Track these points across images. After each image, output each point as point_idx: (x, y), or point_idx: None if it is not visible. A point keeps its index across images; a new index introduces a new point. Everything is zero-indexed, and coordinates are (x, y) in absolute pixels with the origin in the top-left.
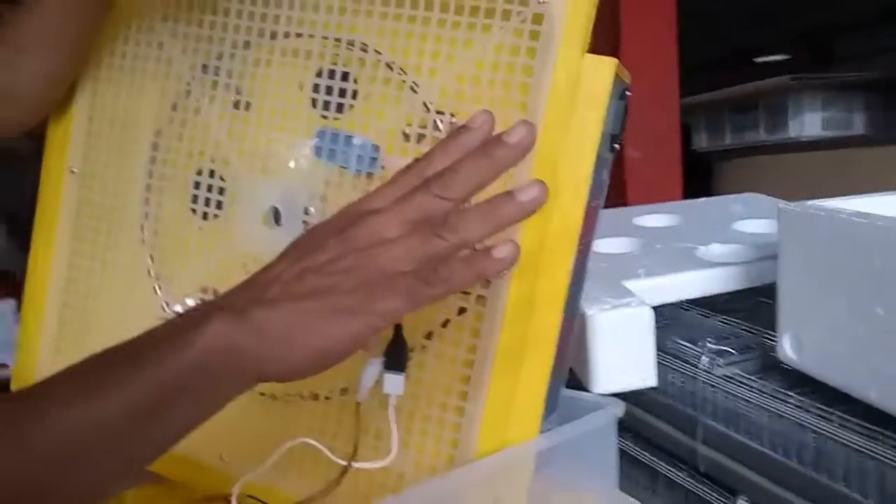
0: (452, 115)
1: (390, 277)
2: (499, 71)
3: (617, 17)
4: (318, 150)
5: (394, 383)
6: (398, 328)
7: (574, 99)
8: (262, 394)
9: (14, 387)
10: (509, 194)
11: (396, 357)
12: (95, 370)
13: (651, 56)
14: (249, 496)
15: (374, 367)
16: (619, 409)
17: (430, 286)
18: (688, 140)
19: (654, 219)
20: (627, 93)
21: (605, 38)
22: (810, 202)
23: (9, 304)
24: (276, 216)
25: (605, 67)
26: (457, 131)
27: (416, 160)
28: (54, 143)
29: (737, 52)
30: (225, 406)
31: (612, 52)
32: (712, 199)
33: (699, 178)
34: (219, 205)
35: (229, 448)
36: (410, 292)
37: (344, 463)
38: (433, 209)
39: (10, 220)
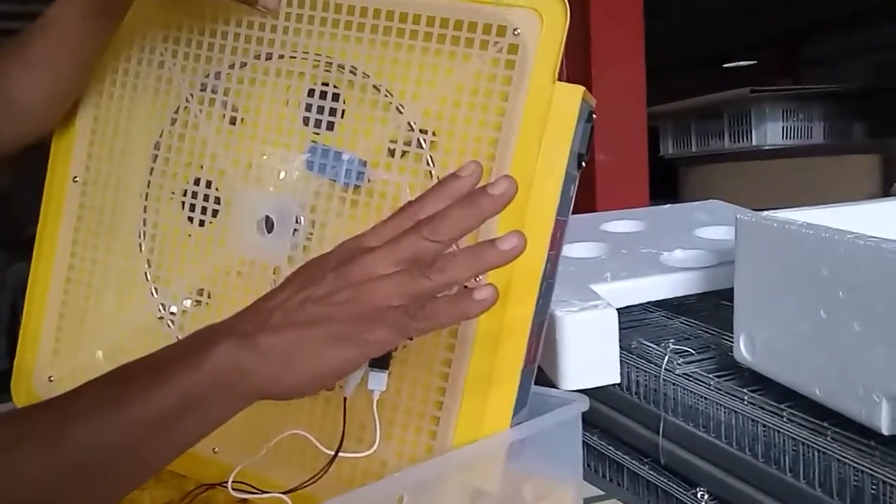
0: (434, 134)
1: (382, 311)
2: (477, 95)
3: (586, 24)
4: (309, 164)
5: (377, 380)
6: None
7: (545, 122)
8: None
9: (14, 385)
10: (492, 242)
11: (381, 356)
12: (118, 383)
13: (619, 62)
14: (242, 482)
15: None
16: (585, 404)
17: (416, 321)
18: (656, 146)
19: (621, 224)
20: (593, 115)
21: (573, 44)
22: (764, 213)
23: None
24: (269, 224)
25: (573, 94)
26: (448, 178)
27: (410, 203)
28: (59, 153)
29: (705, 57)
30: (229, 419)
31: (581, 57)
32: (676, 206)
33: (666, 183)
34: (214, 213)
35: (222, 440)
36: (399, 325)
37: (331, 453)
38: (422, 251)
39: None
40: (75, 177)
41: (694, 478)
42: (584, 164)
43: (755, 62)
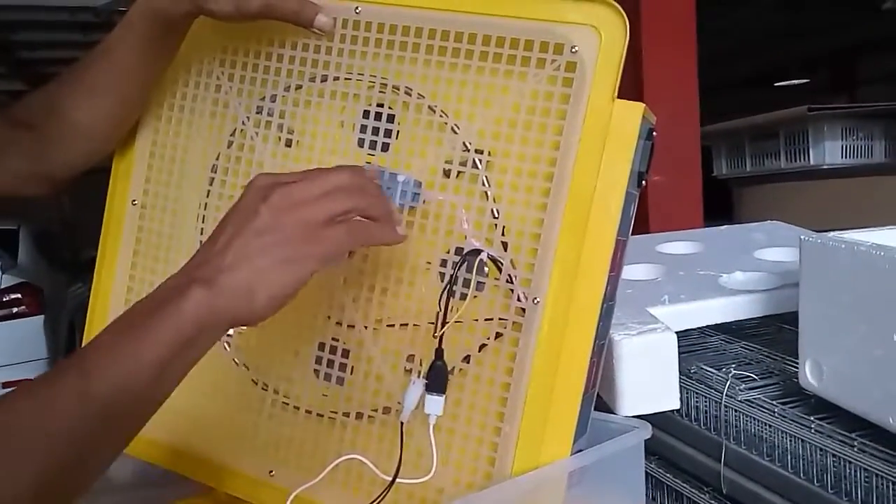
0: (489, 154)
1: (318, 227)
2: (534, 114)
3: (638, 43)
4: None
5: (434, 404)
6: (439, 353)
7: (604, 140)
8: (309, 412)
9: None
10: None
11: (437, 380)
12: (122, 335)
13: (672, 83)
14: None
15: (417, 388)
16: (647, 431)
17: (350, 233)
18: (709, 166)
19: (677, 246)
20: (653, 133)
21: (625, 63)
22: (831, 234)
23: (38, 320)
24: None
25: (633, 112)
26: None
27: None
28: (118, 177)
29: (756, 75)
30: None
31: (633, 76)
32: (734, 227)
33: (720, 204)
34: None
35: (278, 462)
36: (335, 238)
37: (388, 478)
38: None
39: (41, 238)
40: (134, 200)
41: None
42: (644, 182)
43: (808, 80)
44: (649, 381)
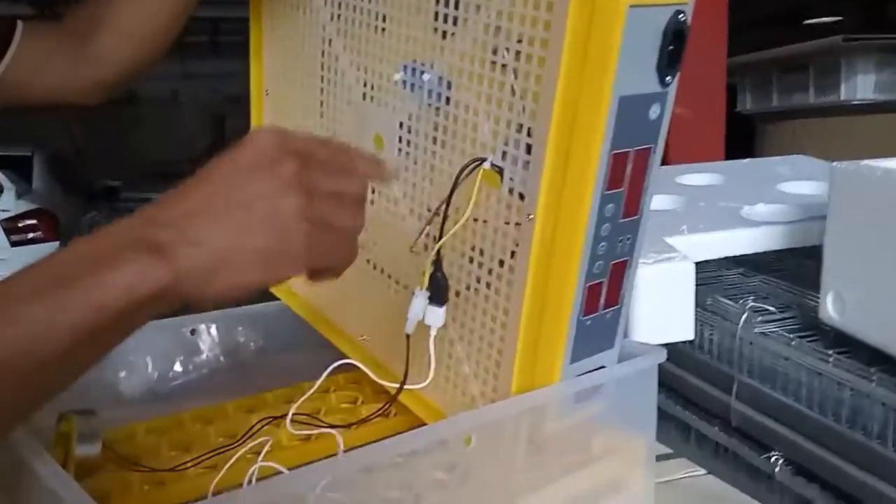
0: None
1: (319, 231)
2: None
3: None
4: (403, 84)
5: (434, 315)
6: (438, 264)
7: (589, 24)
8: (398, 282)
9: None
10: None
11: (437, 291)
12: (42, 291)
13: (699, 11)
14: (303, 414)
15: (420, 300)
16: (661, 354)
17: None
18: (732, 101)
19: (697, 178)
20: (681, 16)
21: None
22: (864, 161)
23: (53, 245)
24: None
25: None
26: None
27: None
28: (255, 72)
29: (786, 12)
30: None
31: None
32: (756, 160)
33: (741, 140)
34: None
35: (370, 329)
36: (335, 257)
37: (394, 386)
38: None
39: (55, 165)
40: (266, 90)
41: (768, 442)
42: (669, 79)
43: (839, 18)
44: (664, 310)
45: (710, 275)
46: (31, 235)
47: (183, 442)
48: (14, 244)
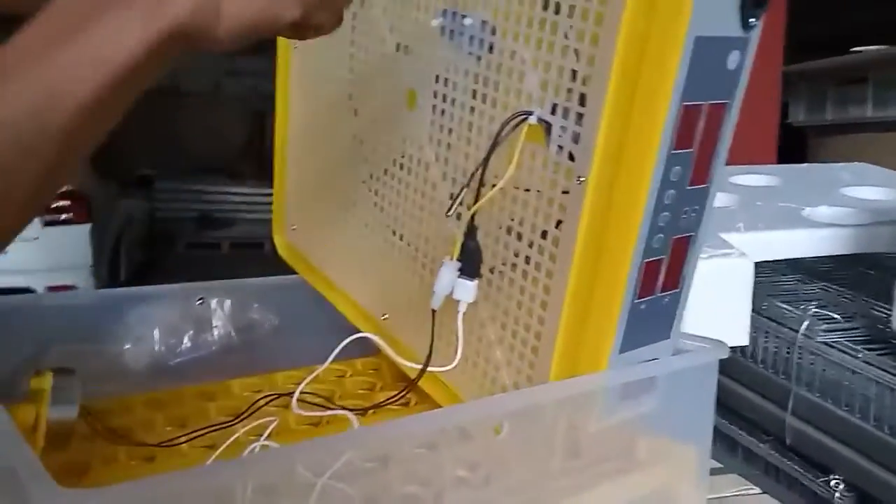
0: None
1: None
2: None
3: None
4: (442, 30)
5: (465, 290)
6: (472, 231)
7: None
8: (426, 255)
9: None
10: None
11: (469, 262)
12: (50, 45)
13: None
14: (311, 393)
15: (450, 270)
16: (724, 350)
17: None
18: (784, 112)
19: (753, 178)
20: None
21: None
22: None
23: (85, 228)
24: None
25: None
26: None
27: None
28: None
29: (829, 40)
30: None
31: None
32: (815, 164)
33: (794, 154)
34: None
35: (392, 307)
36: None
37: (417, 367)
38: None
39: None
40: (295, 45)
41: (828, 463)
42: (754, 21)
43: (887, 47)
44: (718, 311)
45: (765, 278)
46: (63, 217)
47: (180, 418)
48: (46, 223)
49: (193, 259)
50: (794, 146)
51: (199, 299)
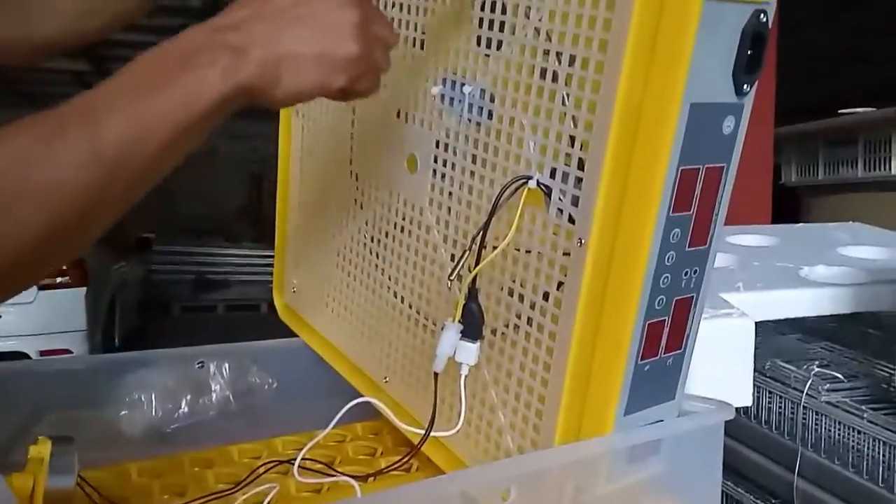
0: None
1: (367, 43)
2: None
3: None
4: (442, 98)
5: (467, 352)
6: (473, 293)
7: (656, 28)
8: (427, 318)
9: (275, 295)
10: None
11: (471, 324)
12: (137, 91)
13: None
14: (312, 460)
15: (451, 332)
16: (729, 411)
17: (384, 62)
18: (776, 173)
19: (750, 238)
20: (762, 16)
21: None
22: None
23: (80, 292)
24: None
25: None
26: None
27: None
28: None
29: (817, 102)
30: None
31: None
32: (810, 224)
33: (786, 213)
34: None
35: (394, 370)
36: (376, 63)
37: (420, 432)
38: None
39: None
40: (297, 110)
41: None
42: (747, 87)
43: (873, 109)
44: (720, 371)
45: (764, 338)
46: (59, 280)
47: (178, 485)
48: (41, 287)
49: (189, 322)
50: (787, 206)
51: (200, 363)
